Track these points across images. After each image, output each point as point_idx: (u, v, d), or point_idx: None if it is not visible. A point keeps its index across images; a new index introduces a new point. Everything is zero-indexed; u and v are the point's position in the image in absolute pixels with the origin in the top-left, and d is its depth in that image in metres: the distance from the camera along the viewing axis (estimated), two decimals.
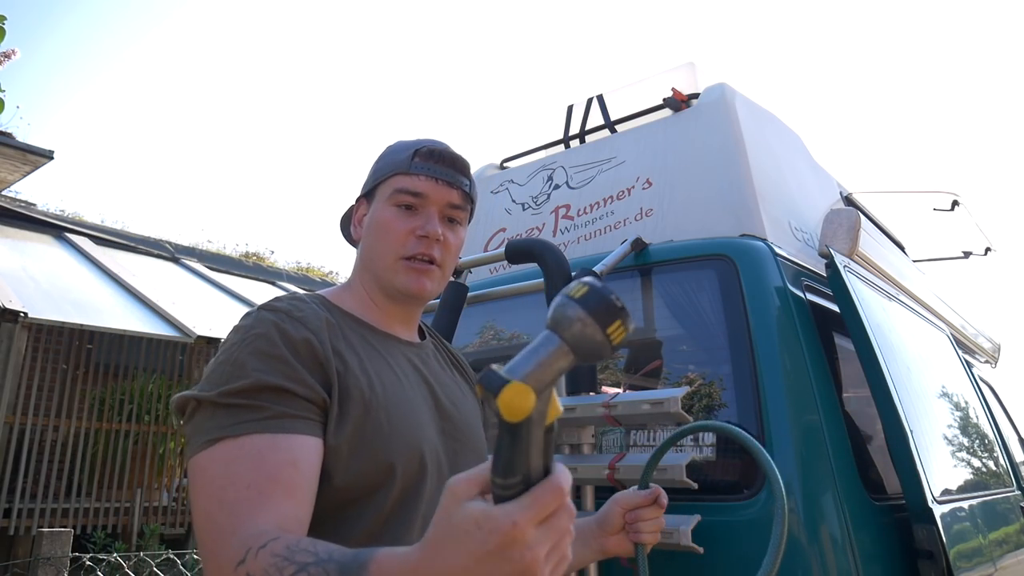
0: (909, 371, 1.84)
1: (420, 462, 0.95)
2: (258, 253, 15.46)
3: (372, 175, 1.09)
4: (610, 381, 1.88)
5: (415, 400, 1.00)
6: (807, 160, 2.52)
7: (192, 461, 0.83)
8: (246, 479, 0.78)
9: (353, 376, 0.92)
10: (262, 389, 0.84)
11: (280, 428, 0.83)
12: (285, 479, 0.80)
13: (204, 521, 0.78)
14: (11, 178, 6.96)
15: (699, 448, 1.57)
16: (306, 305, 0.96)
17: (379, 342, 1.02)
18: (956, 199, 3.28)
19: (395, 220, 1.02)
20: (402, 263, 1.02)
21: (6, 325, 6.28)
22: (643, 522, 1.11)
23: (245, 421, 0.82)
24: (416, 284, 1.02)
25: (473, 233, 2.48)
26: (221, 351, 0.91)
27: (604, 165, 2.26)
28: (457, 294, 1.89)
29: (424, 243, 1.02)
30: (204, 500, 0.79)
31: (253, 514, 0.76)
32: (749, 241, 1.76)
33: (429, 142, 1.06)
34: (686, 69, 2.36)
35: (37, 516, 6.36)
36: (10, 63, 2.85)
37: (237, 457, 0.80)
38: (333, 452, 0.87)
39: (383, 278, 1.03)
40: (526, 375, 0.53)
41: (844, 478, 1.45)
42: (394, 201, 1.03)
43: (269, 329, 0.89)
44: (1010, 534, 2.12)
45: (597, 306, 0.54)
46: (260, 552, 0.71)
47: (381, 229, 1.03)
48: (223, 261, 12.13)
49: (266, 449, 0.81)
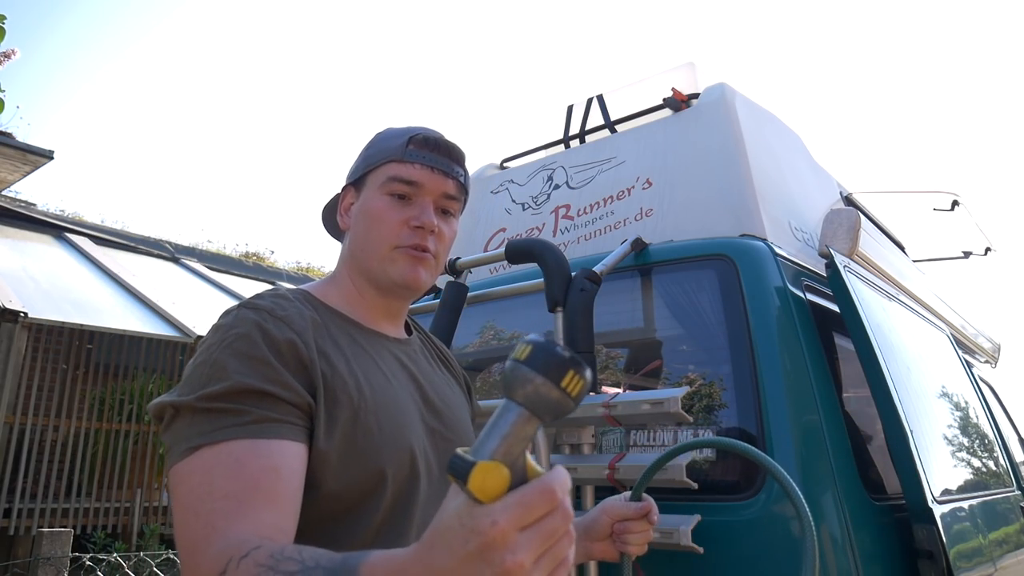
0: (909, 371, 1.84)
1: (412, 466, 0.92)
2: (258, 253, 15.47)
3: (362, 162, 1.04)
4: (610, 381, 1.88)
5: (404, 401, 0.96)
6: (807, 160, 2.52)
7: (172, 472, 0.79)
8: (224, 488, 0.75)
9: (340, 378, 0.88)
10: (242, 392, 0.80)
11: (261, 433, 0.79)
12: (266, 487, 0.76)
13: (182, 533, 0.75)
14: (11, 178, 6.96)
15: (699, 448, 1.56)
16: (290, 303, 0.92)
17: (366, 340, 0.98)
18: (956, 199, 3.28)
19: (388, 209, 0.98)
20: (397, 251, 0.98)
21: (6, 325, 6.27)
22: (631, 534, 1.07)
23: (225, 427, 0.78)
24: (412, 273, 0.98)
25: (473, 233, 2.48)
26: (200, 351, 0.86)
27: (604, 165, 2.26)
28: (457, 294, 1.89)
29: (419, 234, 0.98)
30: (182, 512, 0.75)
31: (231, 524, 0.72)
32: (749, 241, 1.76)
33: (423, 129, 1.02)
34: (686, 69, 2.36)
35: (37, 516, 6.36)
36: (10, 63, 2.85)
37: (215, 465, 0.76)
38: (321, 459, 0.83)
39: (374, 269, 0.99)
40: (493, 452, 0.51)
41: (844, 478, 1.45)
42: (387, 190, 0.99)
43: (250, 329, 0.85)
44: (1010, 534, 2.12)
45: (545, 363, 0.51)
46: (242, 562, 0.67)
47: (373, 218, 0.99)
48: (223, 261, 12.13)
49: (246, 456, 0.77)
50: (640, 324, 1.86)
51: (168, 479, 0.81)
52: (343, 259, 1.05)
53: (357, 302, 1.01)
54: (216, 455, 0.77)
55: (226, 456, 0.77)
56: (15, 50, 2.86)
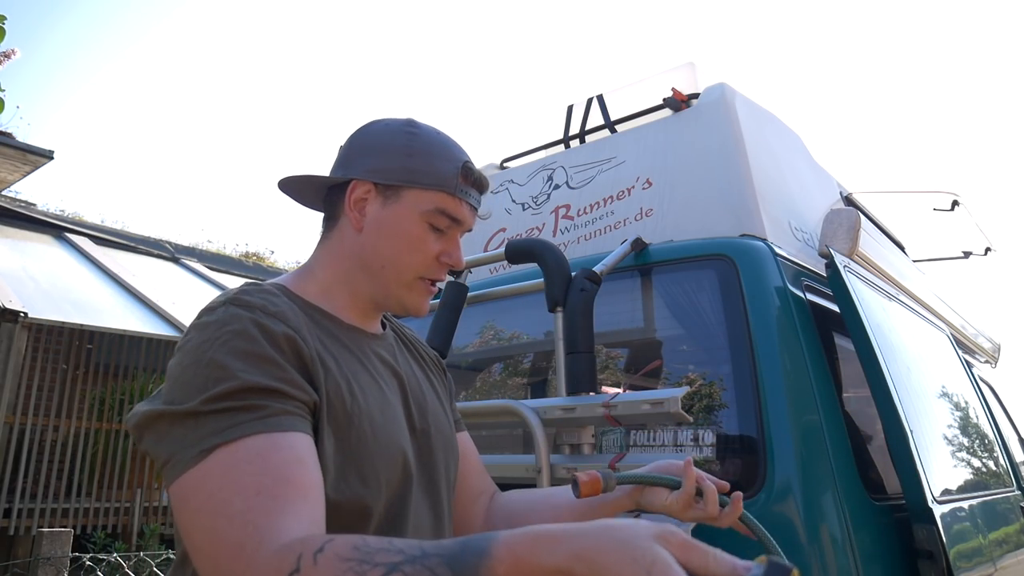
0: (909, 371, 1.84)
1: (404, 470, 0.89)
2: (258, 253, 15.48)
3: (401, 170, 0.94)
4: (610, 381, 1.88)
5: (392, 402, 0.94)
6: (807, 160, 2.52)
7: (180, 483, 0.71)
8: (253, 485, 0.69)
9: (334, 380, 0.84)
10: (251, 391, 0.75)
11: (279, 426, 0.74)
12: (296, 480, 0.71)
13: (211, 541, 0.67)
14: (11, 178, 6.96)
15: (699, 448, 1.57)
16: (277, 298, 0.86)
17: (348, 337, 0.94)
18: (956, 199, 3.28)
19: (427, 240, 0.95)
20: (419, 282, 0.96)
21: (6, 325, 6.28)
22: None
23: (239, 423, 0.72)
24: (422, 305, 0.98)
25: (473, 233, 2.48)
26: (187, 353, 0.78)
27: (604, 165, 2.26)
28: (457, 294, 1.89)
29: (444, 270, 0.97)
30: (207, 518, 0.68)
31: (276, 521, 0.67)
32: (749, 241, 1.76)
33: (465, 155, 0.99)
34: (686, 69, 2.36)
35: (37, 516, 6.37)
36: (10, 63, 2.85)
37: (236, 463, 0.70)
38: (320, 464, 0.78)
39: (390, 290, 0.96)
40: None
41: (844, 478, 1.45)
42: (430, 219, 0.94)
43: (247, 326, 0.79)
44: (1010, 534, 2.12)
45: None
46: (320, 557, 0.62)
47: (409, 243, 0.94)
48: (223, 261, 12.14)
49: (267, 450, 0.72)
50: (640, 324, 1.86)
51: (175, 493, 0.72)
52: (333, 257, 0.97)
53: (338, 298, 0.96)
54: (234, 453, 0.71)
55: (246, 452, 0.71)
56: (15, 50, 2.86)
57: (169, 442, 0.74)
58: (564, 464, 1.47)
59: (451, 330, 1.83)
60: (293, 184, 1.01)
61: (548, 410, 1.50)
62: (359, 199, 0.95)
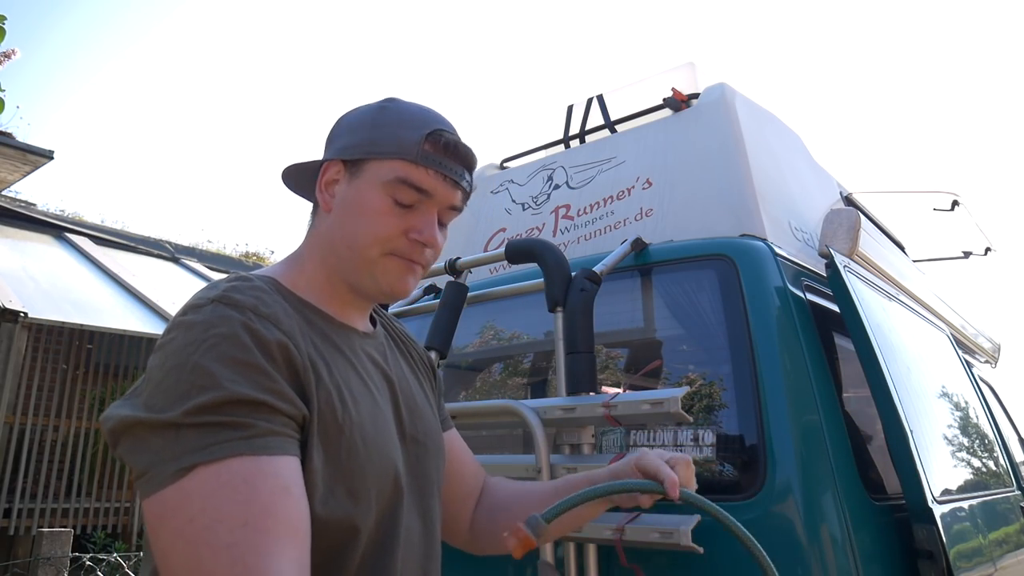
0: (909, 371, 1.84)
1: (395, 482, 0.85)
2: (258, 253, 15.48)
3: (365, 142, 0.89)
4: (610, 381, 1.88)
5: (384, 409, 0.89)
6: (807, 160, 2.52)
7: (157, 499, 0.66)
8: (237, 515, 0.65)
9: (325, 389, 0.79)
10: (237, 403, 0.69)
11: (265, 448, 0.69)
12: (282, 514, 0.67)
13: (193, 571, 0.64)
14: (11, 178, 6.96)
15: (699, 448, 1.57)
16: (270, 297, 0.81)
17: (339, 337, 0.89)
18: (956, 199, 3.28)
19: (388, 214, 0.86)
20: (388, 259, 0.87)
21: (6, 325, 6.28)
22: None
23: (223, 442, 0.67)
24: (401, 284, 0.89)
25: (473, 233, 2.48)
26: (170, 354, 0.73)
27: (604, 165, 2.26)
28: (457, 294, 1.89)
29: (416, 248, 0.88)
30: (187, 545, 0.64)
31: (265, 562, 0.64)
32: (749, 241, 1.76)
33: (439, 124, 0.90)
34: (686, 69, 2.36)
35: (37, 516, 6.37)
36: (10, 63, 2.85)
37: (219, 487, 0.66)
38: (308, 480, 0.74)
39: (359, 272, 0.89)
40: None
41: (844, 478, 1.45)
42: (391, 191, 0.86)
43: (237, 330, 0.73)
44: (1010, 534, 2.12)
45: None
46: None
47: (368, 216, 0.87)
48: (223, 261, 12.14)
49: (253, 476, 0.67)
50: (640, 324, 1.86)
51: (150, 508, 0.67)
52: (314, 243, 0.93)
53: (326, 292, 0.91)
54: (217, 475, 0.66)
55: (230, 476, 0.66)
56: (15, 50, 2.87)
57: (147, 453, 0.69)
58: (564, 464, 1.47)
59: (451, 330, 1.83)
60: (292, 177, 0.99)
61: (548, 410, 1.50)
62: (330, 180, 0.91)
